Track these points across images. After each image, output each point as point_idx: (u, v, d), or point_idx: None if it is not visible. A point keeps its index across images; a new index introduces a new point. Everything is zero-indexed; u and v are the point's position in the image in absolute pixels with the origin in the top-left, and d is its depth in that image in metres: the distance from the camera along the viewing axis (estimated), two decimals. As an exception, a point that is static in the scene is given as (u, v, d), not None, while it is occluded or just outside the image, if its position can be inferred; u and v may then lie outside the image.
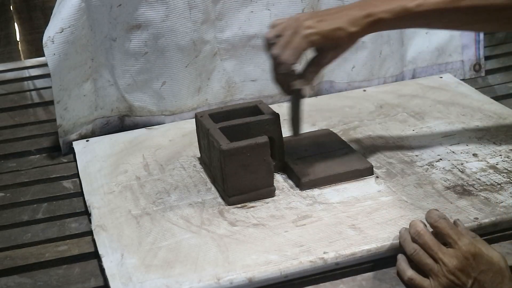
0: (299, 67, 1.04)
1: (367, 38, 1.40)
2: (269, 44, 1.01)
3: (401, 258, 0.90)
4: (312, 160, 1.11)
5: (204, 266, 0.90)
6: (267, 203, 1.04)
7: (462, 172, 1.09)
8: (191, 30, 1.29)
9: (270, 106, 1.17)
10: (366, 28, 1.01)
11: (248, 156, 1.02)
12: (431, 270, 0.86)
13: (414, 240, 0.89)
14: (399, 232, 0.93)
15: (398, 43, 1.44)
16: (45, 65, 1.48)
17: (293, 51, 0.98)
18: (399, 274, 0.90)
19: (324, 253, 0.91)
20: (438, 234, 0.89)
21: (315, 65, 1.03)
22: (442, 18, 1.03)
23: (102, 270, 0.93)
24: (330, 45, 1.01)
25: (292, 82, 1.01)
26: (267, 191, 1.05)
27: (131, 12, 1.25)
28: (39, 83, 1.51)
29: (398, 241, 0.93)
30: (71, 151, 1.26)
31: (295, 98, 1.05)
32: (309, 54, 1.06)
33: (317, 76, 1.01)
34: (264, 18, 1.34)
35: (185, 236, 0.97)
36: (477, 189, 1.04)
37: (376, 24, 1.01)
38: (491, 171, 1.09)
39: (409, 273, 0.88)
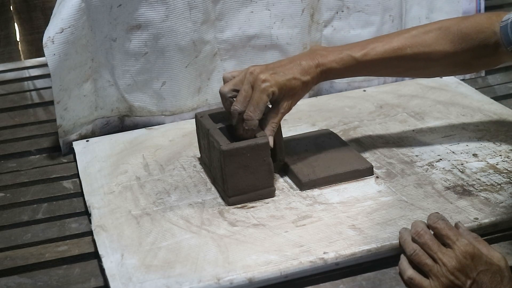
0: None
1: (367, 38, 1.40)
2: (226, 98, 1.05)
3: (402, 258, 0.90)
4: (312, 160, 1.11)
5: (204, 266, 0.90)
6: (267, 203, 1.04)
7: (462, 172, 1.09)
8: (191, 30, 1.29)
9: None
10: (317, 77, 1.06)
11: (248, 156, 1.02)
12: (430, 271, 0.86)
13: (414, 240, 0.90)
14: (399, 232, 0.93)
15: (398, 43, 1.44)
16: (45, 65, 1.48)
17: (256, 107, 1.02)
18: (400, 274, 0.90)
19: (324, 253, 0.91)
20: (437, 235, 0.89)
21: (275, 116, 1.06)
22: (387, 66, 1.09)
23: (102, 270, 0.93)
24: (287, 95, 1.05)
25: (256, 134, 1.04)
26: (267, 192, 1.05)
27: (131, 12, 1.25)
28: (39, 83, 1.51)
29: (398, 241, 0.93)
30: (71, 151, 1.26)
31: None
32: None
33: (277, 126, 1.06)
34: (264, 18, 1.34)
35: (185, 237, 0.97)
36: (477, 189, 1.04)
37: (326, 73, 1.07)
38: (491, 171, 1.09)
39: (409, 272, 0.88)
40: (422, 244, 0.88)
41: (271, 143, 1.04)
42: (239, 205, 1.04)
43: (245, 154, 1.02)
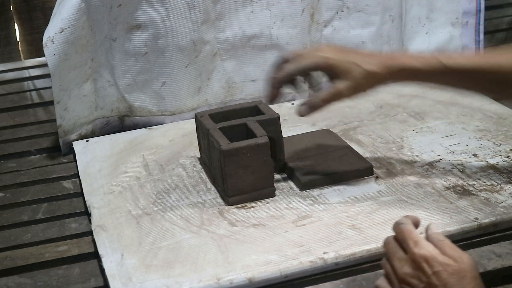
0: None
1: (367, 38, 1.41)
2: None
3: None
4: (312, 160, 1.11)
5: (204, 266, 0.90)
6: (267, 203, 1.04)
7: (462, 172, 1.09)
8: (191, 30, 1.29)
9: (270, 106, 1.17)
10: (388, 71, 1.00)
11: (248, 156, 1.02)
12: (390, 279, 0.83)
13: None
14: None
15: (398, 43, 1.44)
16: (45, 65, 1.48)
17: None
18: None
19: (324, 253, 0.91)
20: (398, 241, 0.84)
21: (325, 92, 1.03)
22: (480, 80, 0.98)
23: (102, 270, 0.93)
24: (343, 76, 1.01)
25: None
26: (267, 191, 1.05)
27: (131, 12, 1.25)
28: (39, 83, 1.51)
29: (398, 241, 0.93)
30: (71, 151, 1.26)
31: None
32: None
33: (323, 103, 1.04)
34: (264, 18, 1.34)
35: (185, 236, 0.97)
36: (477, 189, 1.04)
37: (405, 71, 1.00)
38: (491, 171, 1.09)
39: (378, 280, 0.85)
40: (386, 253, 0.84)
41: (305, 112, 1.03)
42: (239, 205, 1.04)
43: (245, 154, 1.02)
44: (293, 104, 1.37)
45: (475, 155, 1.14)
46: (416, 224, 0.84)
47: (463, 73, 0.98)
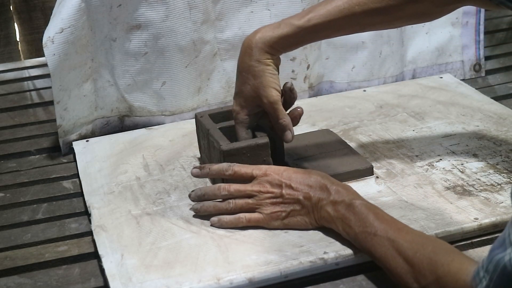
0: None
1: (367, 38, 1.41)
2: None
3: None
4: (312, 160, 1.11)
5: (204, 266, 0.90)
6: (267, 203, 1.04)
7: (462, 172, 1.09)
8: (191, 30, 1.29)
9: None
10: (264, 56, 1.03)
11: (248, 156, 1.02)
12: (254, 205, 0.97)
13: (225, 196, 0.98)
14: (195, 209, 1.01)
15: (398, 43, 1.44)
16: (45, 65, 1.48)
17: None
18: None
19: (324, 253, 0.91)
20: (237, 180, 0.99)
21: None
22: (337, 28, 1.03)
23: (102, 270, 0.93)
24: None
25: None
26: (267, 191, 1.05)
27: (131, 12, 1.25)
28: (39, 83, 1.51)
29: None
30: (71, 151, 1.26)
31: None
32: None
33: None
34: (264, 18, 1.34)
35: (185, 236, 0.97)
36: (477, 189, 1.04)
37: (273, 47, 1.03)
38: (491, 171, 1.09)
39: (242, 215, 0.98)
40: (234, 193, 0.98)
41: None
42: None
43: (245, 154, 1.02)
44: (293, 104, 1.37)
45: (475, 155, 1.14)
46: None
47: (322, 29, 1.02)
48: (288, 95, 1.07)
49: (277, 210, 0.96)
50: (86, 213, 1.07)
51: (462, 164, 1.11)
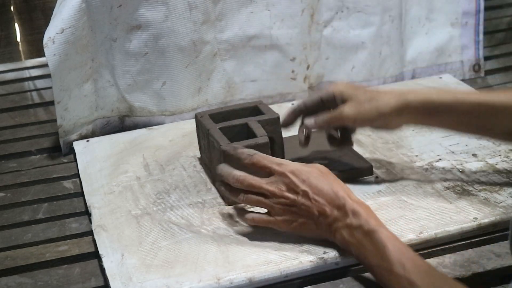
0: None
1: (367, 39, 1.41)
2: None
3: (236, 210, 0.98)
4: (312, 160, 1.11)
5: (204, 266, 0.91)
6: (267, 203, 1.04)
7: (461, 172, 1.09)
8: (191, 30, 1.29)
9: (270, 106, 1.17)
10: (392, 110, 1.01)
11: (248, 156, 1.02)
12: (266, 206, 0.91)
13: (237, 188, 0.93)
14: (219, 191, 1.01)
15: (398, 44, 1.44)
16: (45, 65, 1.48)
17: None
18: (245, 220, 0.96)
19: (324, 253, 0.91)
20: (257, 169, 0.92)
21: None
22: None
23: (102, 270, 0.93)
24: (349, 99, 1.03)
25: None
26: (267, 191, 1.05)
27: (131, 12, 1.25)
28: (40, 83, 1.51)
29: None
30: (72, 151, 1.26)
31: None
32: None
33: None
34: (264, 18, 1.34)
35: (185, 236, 0.97)
36: (476, 189, 1.04)
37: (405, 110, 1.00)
38: (490, 171, 1.09)
39: (250, 216, 0.94)
40: (247, 187, 0.92)
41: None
42: (239, 205, 1.04)
43: (245, 154, 1.02)
44: (293, 104, 1.37)
45: (474, 155, 1.14)
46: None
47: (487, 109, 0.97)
48: None
49: (288, 218, 0.91)
50: (87, 213, 1.07)
51: (462, 164, 1.12)
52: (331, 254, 0.91)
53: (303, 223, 0.90)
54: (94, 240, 0.99)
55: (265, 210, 0.94)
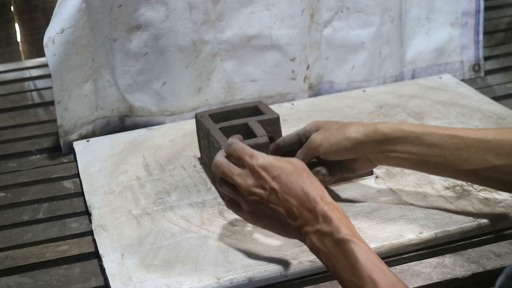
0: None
1: (367, 39, 1.41)
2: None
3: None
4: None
5: (204, 266, 0.91)
6: (267, 203, 1.04)
7: (461, 172, 1.09)
8: (191, 30, 1.29)
9: (270, 106, 1.18)
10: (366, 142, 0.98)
11: (248, 156, 1.02)
12: (234, 198, 0.88)
13: (216, 173, 0.90)
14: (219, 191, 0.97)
15: (398, 44, 1.44)
16: (45, 65, 1.49)
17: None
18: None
19: (324, 253, 0.91)
20: (234, 160, 0.88)
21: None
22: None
23: (102, 270, 0.93)
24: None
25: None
26: (267, 191, 1.05)
27: (131, 12, 1.25)
28: (40, 83, 1.51)
29: (398, 241, 0.93)
30: (72, 151, 1.26)
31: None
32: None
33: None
34: (264, 18, 1.34)
35: (185, 236, 0.97)
36: (476, 189, 1.04)
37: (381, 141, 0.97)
38: (490, 171, 1.09)
39: (226, 201, 0.90)
40: (221, 175, 0.88)
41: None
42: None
43: (245, 154, 1.02)
44: (293, 104, 1.38)
45: (474, 155, 1.14)
46: (241, 141, 0.91)
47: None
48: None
49: (256, 214, 0.86)
50: (87, 213, 1.07)
51: (462, 164, 1.12)
52: (331, 254, 0.91)
53: (271, 222, 0.85)
54: (94, 240, 0.99)
55: None
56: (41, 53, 1.61)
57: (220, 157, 0.90)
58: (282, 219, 0.83)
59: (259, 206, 0.84)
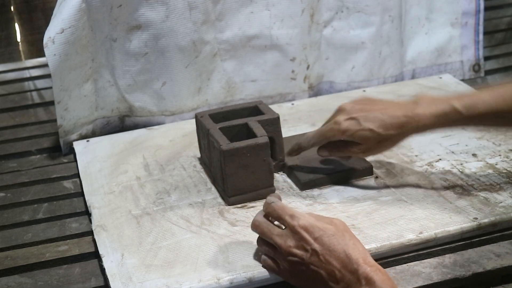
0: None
1: (367, 39, 1.41)
2: None
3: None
4: (312, 160, 1.12)
5: (204, 266, 0.91)
6: (267, 203, 1.04)
7: (461, 172, 1.09)
8: (191, 30, 1.29)
9: (270, 106, 1.18)
10: (406, 131, 1.00)
11: (248, 156, 1.03)
12: (274, 256, 0.86)
13: (254, 231, 0.89)
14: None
15: (398, 44, 1.44)
16: (45, 65, 1.48)
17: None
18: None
19: (324, 253, 0.91)
20: (273, 219, 0.87)
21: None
22: (500, 120, 0.97)
23: (102, 270, 0.93)
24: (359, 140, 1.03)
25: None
26: (267, 191, 1.05)
27: (131, 12, 1.25)
28: (40, 83, 1.51)
29: (398, 241, 0.93)
30: (72, 151, 1.26)
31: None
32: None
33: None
34: (264, 18, 1.34)
35: (185, 236, 0.97)
36: (476, 189, 1.04)
37: (421, 129, 0.99)
38: (490, 171, 1.09)
39: (263, 257, 0.89)
40: (261, 235, 0.88)
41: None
42: (239, 205, 1.04)
43: (245, 154, 1.02)
44: (293, 104, 1.38)
45: (474, 155, 1.14)
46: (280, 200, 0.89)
47: (483, 116, 0.96)
48: None
49: (296, 274, 0.85)
50: (87, 213, 1.07)
51: (462, 164, 1.12)
52: (331, 254, 0.91)
53: (311, 283, 0.83)
54: (94, 240, 0.99)
55: None
56: (41, 53, 1.61)
57: (259, 217, 0.88)
58: (324, 281, 0.82)
59: (299, 267, 0.83)
